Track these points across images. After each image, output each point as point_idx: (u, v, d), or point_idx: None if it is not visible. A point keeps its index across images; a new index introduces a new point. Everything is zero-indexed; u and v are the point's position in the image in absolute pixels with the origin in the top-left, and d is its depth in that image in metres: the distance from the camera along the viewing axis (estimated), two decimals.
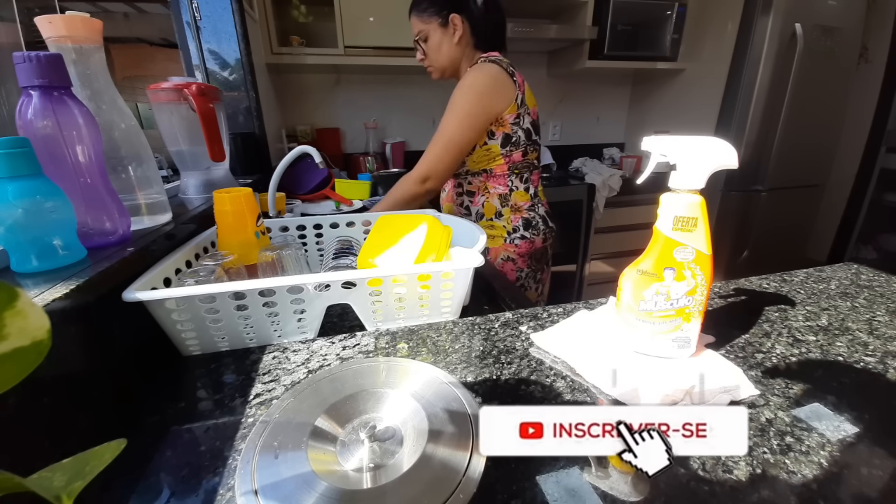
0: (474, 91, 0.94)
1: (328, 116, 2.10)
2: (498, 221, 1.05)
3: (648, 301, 0.42)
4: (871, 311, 0.55)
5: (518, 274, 1.08)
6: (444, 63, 1.03)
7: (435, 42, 1.01)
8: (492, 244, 1.07)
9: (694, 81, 2.09)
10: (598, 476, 0.31)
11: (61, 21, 0.49)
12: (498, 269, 1.08)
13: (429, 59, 1.05)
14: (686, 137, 0.40)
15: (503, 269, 1.08)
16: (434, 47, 1.02)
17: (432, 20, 0.99)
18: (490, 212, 1.05)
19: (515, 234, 1.05)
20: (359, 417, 0.36)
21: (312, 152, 0.91)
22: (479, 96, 0.94)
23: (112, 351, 0.43)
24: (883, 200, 2.11)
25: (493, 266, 1.06)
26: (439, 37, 1.00)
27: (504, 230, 1.05)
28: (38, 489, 0.14)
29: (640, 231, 2.03)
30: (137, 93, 1.46)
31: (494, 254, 1.06)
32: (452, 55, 1.02)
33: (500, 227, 1.05)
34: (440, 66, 1.05)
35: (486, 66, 0.95)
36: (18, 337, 0.15)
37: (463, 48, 1.01)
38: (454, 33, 0.99)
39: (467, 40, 1.01)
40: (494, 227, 1.05)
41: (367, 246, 0.61)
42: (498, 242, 1.05)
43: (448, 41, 1.00)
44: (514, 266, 1.07)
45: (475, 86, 0.94)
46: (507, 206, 1.04)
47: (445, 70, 1.05)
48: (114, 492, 0.31)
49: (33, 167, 0.39)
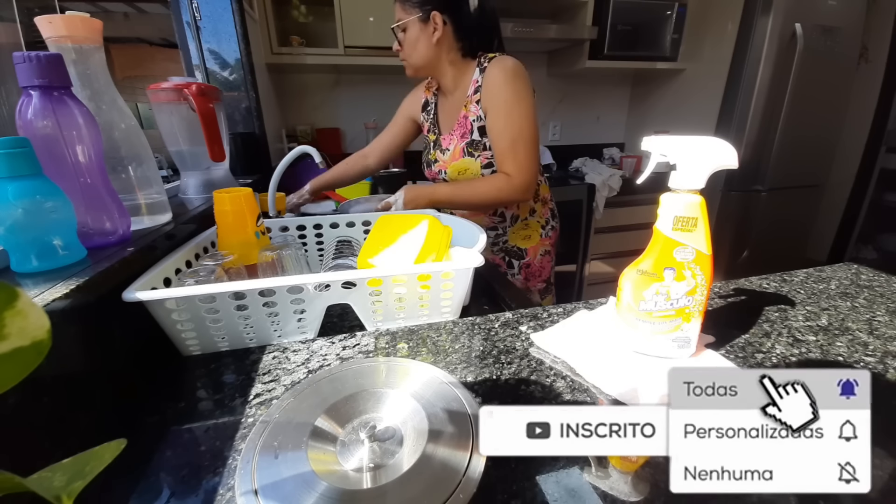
0: (524, 82, 0.90)
1: (328, 116, 2.10)
2: (532, 219, 1.05)
3: (648, 301, 0.42)
4: (871, 311, 0.55)
5: (552, 264, 1.09)
6: (418, 62, 0.95)
7: (412, 36, 0.92)
8: (529, 244, 1.06)
9: (694, 81, 2.09)
10: (598, 476, 0.31)
11: (61, 21, 0.49)
12: (537, 267, 1.08)
13: (404, 53, 0.96)
14: (686, 137, 0.39)
15: (542, 265, 1.08)
16: (410, 41, 0.93)
17: (413, 12, 0.90)
18: (525, 210, 1.05)
19: (548, 226, 1.07)
20: (359, 417, 0.36)
21: (312, 152, 0.91)
22: (528, 88, 0.90)
23: (112, 351, 0.43)
24: (883, 200, 2.11)
25: (493, 266, 1.06)
26: (417, 32, 0.92)
27: (538, 225, 1.06)
28: (38, 489, 0.14)
29: (640, 231, 2.03)
30: (137, 93, 1.46)
31: (533, 252, 1.06)
32: (428, 55, 0.93)
33: (535, 223, 1.05)
34: (414, 64, 0.96)
35: (512, 61, 0.91)
36: (18, 337, 0.15)
37: (441, 51, 0.93)
38: (433, 32, 0.90)
39: (449, 44, 0.93)
40: (529, 225, 1.05)
41: (368, 246, 0.61)
42: (535, 239, 1.06)
43: (426, 39, 0.91)
44: (550, 258, 1.08)
45: (522, 78, 0.90)
46: (539, 200, 1.05)
47: (419, 69, 0.97)
48: (114, 492, 0.31)
49: (33, 167, 0.39)
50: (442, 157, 1.03)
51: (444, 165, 1.03)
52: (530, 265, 1.07)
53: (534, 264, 1.07)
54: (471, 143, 0.96)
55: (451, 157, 1.00)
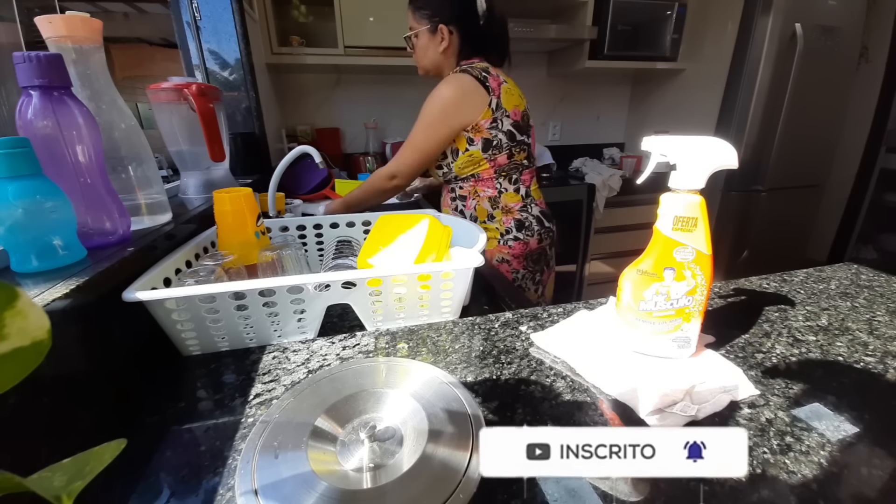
0: (440, 104, 0.99)
1: (328, 116, 2.10)
2: (490, 224, 1.06)
3: (648, 301, 0.42)
4: (871, 311, 0.55)
5: (514, 275, 1.08)
6: (428, 66, 1.09)
7: (422, 44, 1.05)
8: (487, 246, 1.07)
9: (694, 81, 2.08)
10: (598, 476, 0.31)
11: (61, 21, 0.49)
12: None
13: (416, 57, 1.10)
14: (686, 137, 0.39)
15: (498, 270, 1.08)
16: (421, 49, 1.06)
17: (423, 23, 1.03)
18: (482, 215, 1.06)
19: (508, 235, 1.05)
20: (359, 417, 0.36)
21: (312, 152, 0.91)
22: (443, 109, 0.98)
23: (112, 351, 0.43)
24: (883, 200, 2.11)
25: (493, 266, 1.06)
26: (426, 41, 1.04)
27: (497, 232, 1.06)
28: (38, 489, 0.14)
29: (640, 231, 2.03)
30: (137, 93, 1.46)
31: (489, 255, 1.07)
32: (436, 61, 1.06)
33: (494, 229, 1.06)
34: (424, 67, 1.10)
35: (456, 78, 0.98)
36: (18, 337, 0.15)
37: (449, 58, 1.05)
38: (441, 42, 1.02)
39: (454, 51, 1.04)
40: (488, 229, 1.06)
41: (367, 246, 0.61)
42: (492, 244, 1.06)
43: (434, 48, 1.04)
44: (510, 267, 1.08)
45: (441, 99, 0.99)
46: (498, 208, 1.05)
47: (429, 71, 1.10)
48: (114, 492, 0.31)
49: (33, 167, 0.39)
50: None
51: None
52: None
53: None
54: None
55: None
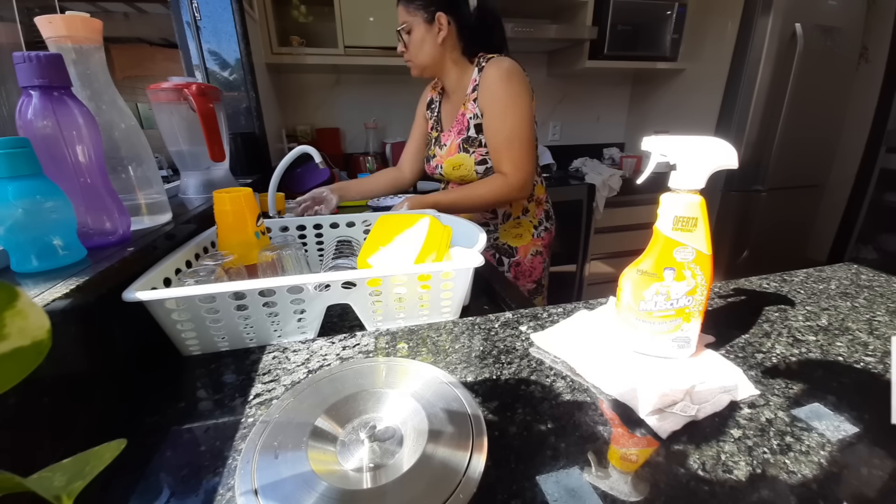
0: (524, 86, 0.92)
1: (328, 116, 2.10)
2: (525, 218, 1.06)
3: (648, 301, 0.42)
4: (871, 311, 0.55)
5: (544, 265, 1.10)
6: (424, 61, 0.98)
7: (417, 37, 0.96)
8: (520, 242, 1.07)
9: (694, 81, 2.08)
10: (598, 476, 0.31)
11: (61, 21, 0.49)
12: (527, 266, 1.09)
13: (409, 54, 0.99)
14: (686, 137, 0.39)
15: (532, 265, 1.09)
16: (416, 42, 0.96)
17: (418, 14, 0.94)
18: (518, 209, 1.06)
19: (541, 226, 1.08)
20: (359, 417, 0.36)
21: (313, 152, 0.91)
22: (528, 91, 0.93)
23: (112, 351, 0.43)
24: (883, 200, 2.11)
25: (492, 265, 1.06)
26: (422, 33, 0.95)
27: (531, 225, 1.07)
28: (38, 489, 0.14)
29: (640, 231, 2.03)
30: (137, 93, 1.46)
31: (524, 252, 1.07)
32: (434, 55, 0.97)
33: (527, 222, 1.07)
34: (419, 64, 0.99)
35: (506, 61, 0.93)
36: (18, 337, 0.15)
37: (446, 50, 0.97)
38: (438, 32, 0.94)
39: (452, 43, 0.97)
40: (521, 224, 1.06)
41: (367, 246, 0.61)
42: (527, 239, 1.07)
43: (431, 40, 0.95)
44: (542, 259, 1.09)
45: (523, 81, 0.92)
46: (532, 200, 1.06)
47: (425, 69, 1.00)
48: (114, 492, 0.31)
49: (33, 167, 0.39)
50: (440, 152, 1.07)
51: (440, 160, 1.06)
52: (520, 264, 1.08)
53: (524, 263, 1.08)
54: (466, 140, 0.99)
55: (448, 152, 1.04)
